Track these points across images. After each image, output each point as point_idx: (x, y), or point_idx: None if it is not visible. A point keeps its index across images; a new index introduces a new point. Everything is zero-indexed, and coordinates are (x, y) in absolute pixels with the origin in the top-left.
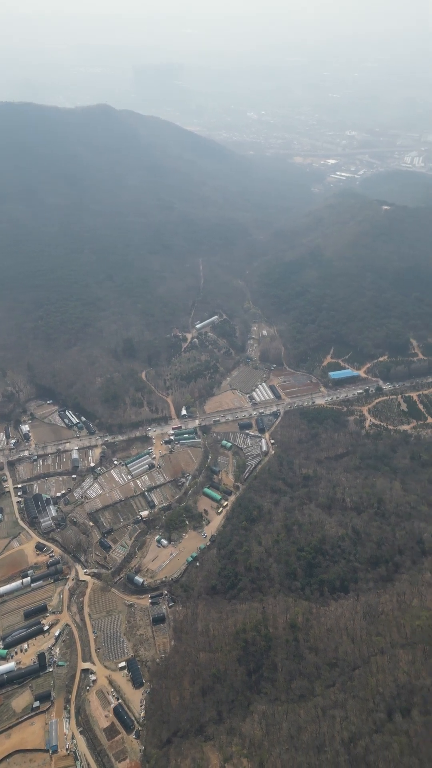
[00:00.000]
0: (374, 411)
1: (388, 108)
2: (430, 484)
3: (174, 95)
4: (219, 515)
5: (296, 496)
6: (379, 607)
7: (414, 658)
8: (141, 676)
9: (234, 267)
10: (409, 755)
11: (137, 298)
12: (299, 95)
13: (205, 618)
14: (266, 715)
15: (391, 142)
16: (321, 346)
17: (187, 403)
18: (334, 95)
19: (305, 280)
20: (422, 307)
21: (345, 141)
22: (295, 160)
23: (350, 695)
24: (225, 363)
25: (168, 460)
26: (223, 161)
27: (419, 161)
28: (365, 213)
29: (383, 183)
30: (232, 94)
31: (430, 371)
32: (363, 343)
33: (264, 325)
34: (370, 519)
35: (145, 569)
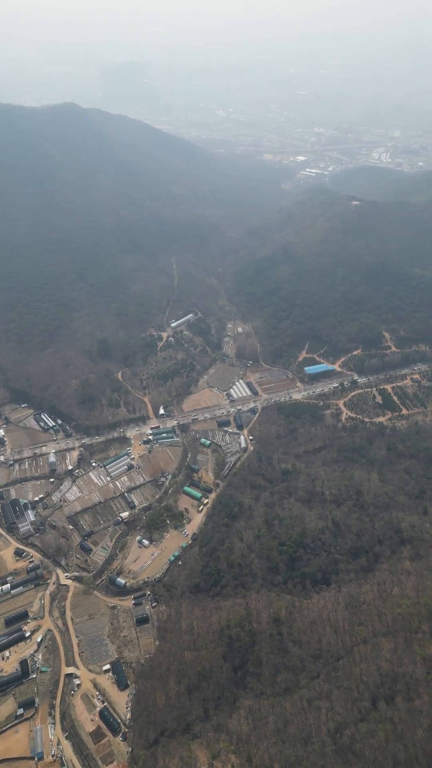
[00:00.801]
0: (350, 404)
1: (354, 105)
2: (406, 474)
3: (142, 93)
4: (200, 513)
5: (276, 491)
6: (360, 598)
7: (396, 646)
8: (126, 678)
9: (207, 265)
10: (394, 742)
11: (111, 298)
12: (267, 93)
13: (189, 616)
14: (252, 710)
15: (359, 138)
16: (296, 342)
17: (165, 402)
18: (302, 92)
19: (278, 277)
20: (393, 301)
21: (313, 138)
22: (265, 158)
23: (335, 686)
24: (201, 361)
25: (147, 460)
26: (193, 159)
27: (386, 157)
28: (335, 209)
29: (352, 179)
30: (201, 92)
31: (403, 364)
32: (337, 337)
33: (239, 322)
34: (350, 511)
35: (127, 570)
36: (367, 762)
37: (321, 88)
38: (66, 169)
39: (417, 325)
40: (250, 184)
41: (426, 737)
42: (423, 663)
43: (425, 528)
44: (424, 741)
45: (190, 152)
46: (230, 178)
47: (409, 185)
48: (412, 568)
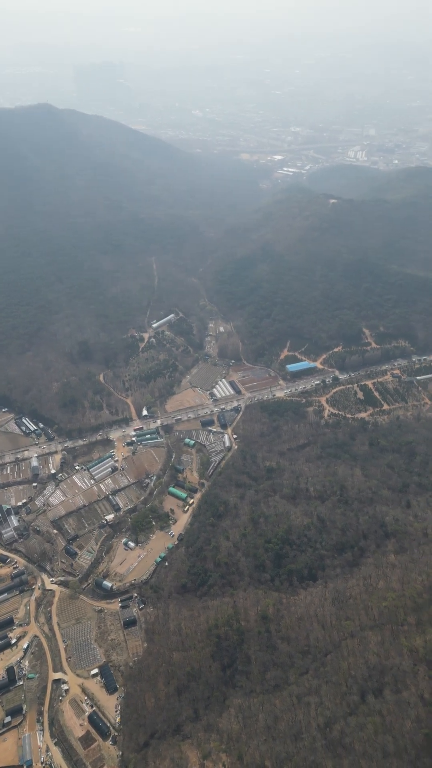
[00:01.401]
0: (332, 401)
1: (329, 104)
2: (389, 469)
3: (117, 94)
4: (185, 513)
5: (261, 488)
6: (346, 592)
7: (383, 639)
8: (114, 682)
9: (187, 265)
10: (383, 734)
11: (90, 299)
12: (243, 93)
13: (177, 617)
14: (242, 708)
15: (334, 137)
16: (277, 340)
17: (148, 403)
18: (277, 92)
19: (258, 276)
20: (372, 297)
21: (290, 137)
22: (242, 157)
23: (323, 681)
24: (184, 361)
25: (131, 462)
26: (171, 159)
27: (362, 155)
28: (313, 207)
29: (329, 177)
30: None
31: (383, 359)
32: (318, 335)
33: (221, 321)
34: (334, 506)
35: (113, 573)
36: (357, 755)
37: (296, 87)
38: (42, 171)
39: (396, 321)
40: (228, 184)
41: (414, 728)
42: (410, 655)
43: (409, 521)
44: (412, 732)
45: (167, 152)
46: (208, 178)
47: (384, 183)
48: (396, 562)
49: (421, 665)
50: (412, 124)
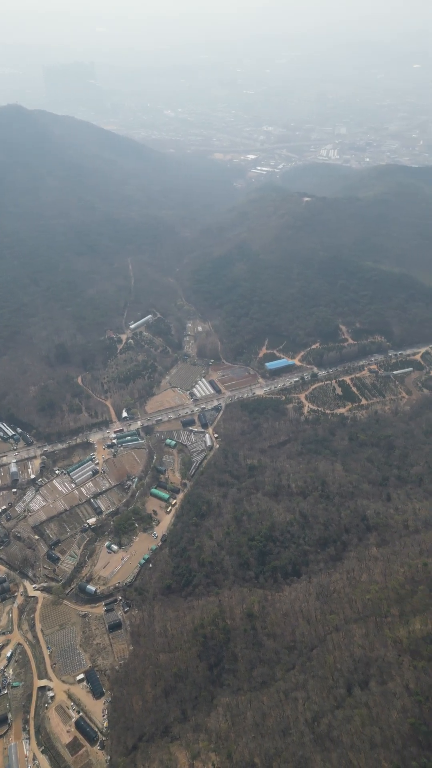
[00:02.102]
0: (311, 397)
1: (301, 103)
2: (369, 463)
3: (88, 94)
4: (168, 514)
5: (243, 487)
6: (330, 586)
7: (367, 631)
8: (101, 686)
9: (164, 265)
10: (370, 725)
11: (66, 301)
12: (215, 93)
13: (162, 618)
14: (230, 706)
15: (307, 136)
16: (256, 338)
17: (128, 404)
18: (249, 92)
19: (235, 275)
20: (348, 294)
21: (263, 136)
22: (216, 157)
23: (310, 675)
24: (163, 362)
25: (112, 464)
26: (144, 160)
27: (334, 153)
28: (287, 206)
29: (302, 176)
30: (148, 92)
31: (360, 355)
32: (295, 332)
33: (199, 321)
34: (316, 502)
35: (97, 577)
36: (345, 748)
37: (268, 87)
38: (12, 172)
39: (372, 316)
40: (202, 184)
41: (400, 719)
42: (394, 646)
43: (390, 514)
44: (398, 722)
45: (140, 153)
46: (182, 177)
47: (357, 181)
48: (379, 554)
49: (406, 656)
50: (382, 123)
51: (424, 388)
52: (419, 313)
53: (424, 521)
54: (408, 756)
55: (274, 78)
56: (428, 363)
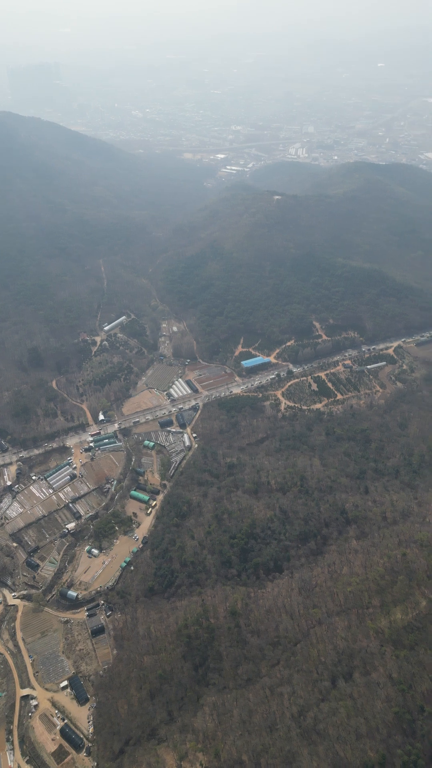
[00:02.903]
0: (288, 394)
1: (268, 102)
2: (346, 457)
3: (54, 95)
4: (149, 516)
5: (223, 485)
6: (312, 581)
7: (350, 623)
8: (85, 692)
9: (136, 266)
10: (355, 716)
11: (38, 305)
12: (182, 92)
13: (146, 621)
14: (216, 705)
15: (275, 135)
16: (231, 337)
17: (104, 407)
18: (216, 92)
19: (208, 274)
20: (320, 291)
21: (231, 135)
22: (185, 156)
23: (295, 670)
24: (138, 363)
25: (90, 468)
26: (113, 160)
27: (303, 152)
28: (258, 204)
29: (272, 174)
30: (115, 92)
31: (334, 351)
32: (270, 330)
33: (173, 321)
34: (295, 497)
35: (78, 582)
36: (332, 740)
37: (234, 87)
38: None
39: (344, 312)
40: (172, 183)
41: (385, 708)
42: (376, 636)
43: (368, 506)
44: (383, 712)
45: (109, 153)
46: (152, 177)
47: (326, 178)
48: (358, 547)
49: (388, 646)
50: (349, 121)
51: (397, 381)
52: (390, 308)
53: (401, 512)
54: (393, 744)
55: (240, 77)
56: (401, 357)
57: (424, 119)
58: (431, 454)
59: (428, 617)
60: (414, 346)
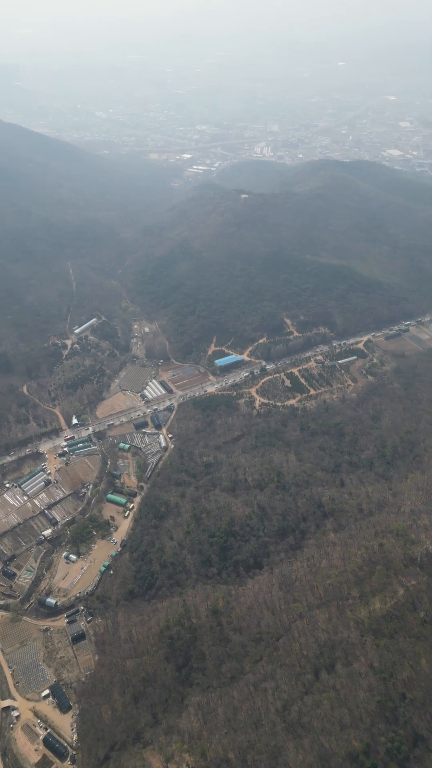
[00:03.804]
0: (262, 391)
1: (232, 102)
2: (321, 451)
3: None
4: (127, 519)
5: (201, 484)
6: (292, 575)
7: (330, 616)
8: (68, 700)
9: (105, 267)
10: (339, 707)
11: (5, 309)
12: (146, 93)
13: (127, 624)
14: (201, 705)
15: (240, 134)
16: (204, 336)
17: (77, 411)
18: (180, 91)
19: (179, 274)
20: (291, 288)
21: (197, 135)
22: (151, 157)
23: (278, 665)
24: (111, 365)
25: (65, 473)
26: (78, 162)
27: (268, 151)
28: (226, 203)
29: (238, 173)
30: (77, 93)
31: (306, 347)
32: (242, 328)
33: (145, 322)
34: (273, 493)
35: (56, 589)
36: (316, 732)
37: (198, 87)
38: None
39: (314, 309)
40: (139, 184)
41: (368, 697)
42: (356, 627)
43: (344, 499)
44: (366, 701)
45: (74, 155)
46: (119, 178)
47: (292, 176)
48: (336, 539)
49: (368, 635)
50: (312, 119)
51: (368, 375)
52: (359, 303)
53: (377, 503)
54: (377, 732)
55: (203, 78)
56: (371, 351)
57: (385, 117)
58: (404, 445)
59: (406, 605)
60: (383, 339)
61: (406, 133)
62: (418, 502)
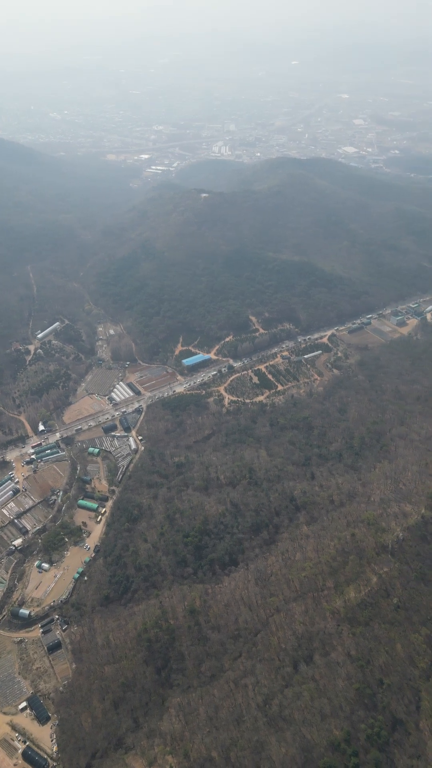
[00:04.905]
0: (230, 389)
1: (188, 101)
2: (291, 445)
3: None
4: (99, 524)
5: (173, 485)
6: (267, 570)
7: (306, 608)
8: (46, 711)
9: (67, 270)
10: (319, 698)
11: None
12: (100, 93)
13: (104, 630)
14: (182, 705)
15: (197, 133)
16: (170, 336)
17: (44, 417)
18: (135, 92)
19: (142, 274)
20: (254, 285)
21: (154, 135)
22: (109, 158)
23: (257, 660)
24: (76, 369)
25: (33, 481)
26: (34, 164)
27: (226, 150)
28: (186, 202)
29: (197, 173)
30: (30, 95)
31: (271, 343)
32: (208, 326)
33: (110, 324)
34: (245, 489)
35: (29, 599)
36: (298, 724)
37: (153, 87)
38: None
39: (278, 305)
40: (98, 185)
41: (346, 686)
42: (332, 617)
43: (315, 491)
44: (345, 690)
45: (30, 157)
46: (77, 179)
47: (251, 175)
48: (309, 532)
49: (344, 624)
50: (268, 118)
51: (333, 368)
52: (322, 298)
53: (347, 494)
54: (357, 720)
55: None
56: (335, 344)
57: (339, 114)
58: (371, 435)
59: (380, 592)
60: (347, 333)
61: (360, 130)
62: (387, 491)
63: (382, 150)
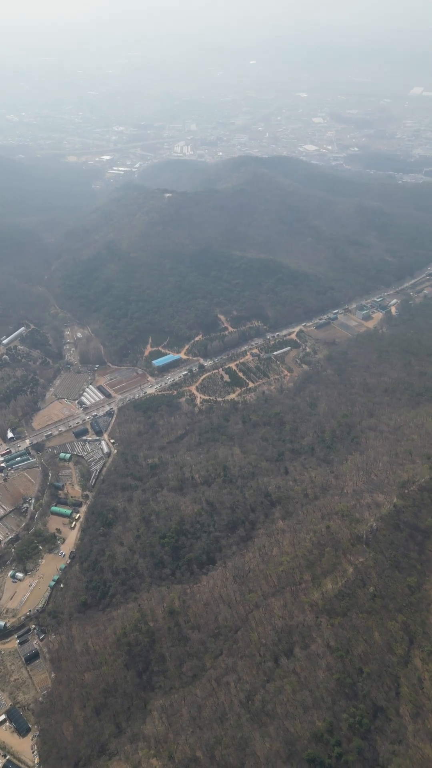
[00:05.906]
0: (202, 388)
1: (147, 102)
2: (264, 441)
3: None
4: (73, 530)
5: (147, 487)
6: (245, 567)
7: (285, 602)
8: (26, 722)
9: (30, 274)
10: (301, 690)
11: None
12: (58, 94)
13: (82, 637)
14: (165, 707)
15: (158, 134)
16: (139, 338)
17: (12, 424)
18: (93, 92)
19: (108, 276)
20: (221, 284)
21: (115, 136)
22: (69, 159)
23: (238, 657)
24: (44, 374)
25: (4, 489)
26: None
27: (188, 150)
28: (151, 203)
29: (160, 173)
30: None
31: (241, 341)
32: (177, 326)
33: (77, 327)
34: (220, 488)
35: (4, 610)
36: (281, 718)
37: (112, 87)
38: None
39: (246, 303)
40: (59, 187)
41: (327, 677)
42: (311, 609)
43: (289, 486)
44: (326, 681)
45: None
46: (37, 182)
47: (213, 174)
48: (285, 526)
49: (323, 616)
50: (229, 117)
51: (303, 364)
52: (289, 294)
53: (321, 487)
54: (338, 710)
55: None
56: (303, 340)
57: (298, 113)
58: (341, 428)
59: (356, 582)
60: (314, 329)
61: (319, 128)
62: (359, 482)
63: (341, 147)
